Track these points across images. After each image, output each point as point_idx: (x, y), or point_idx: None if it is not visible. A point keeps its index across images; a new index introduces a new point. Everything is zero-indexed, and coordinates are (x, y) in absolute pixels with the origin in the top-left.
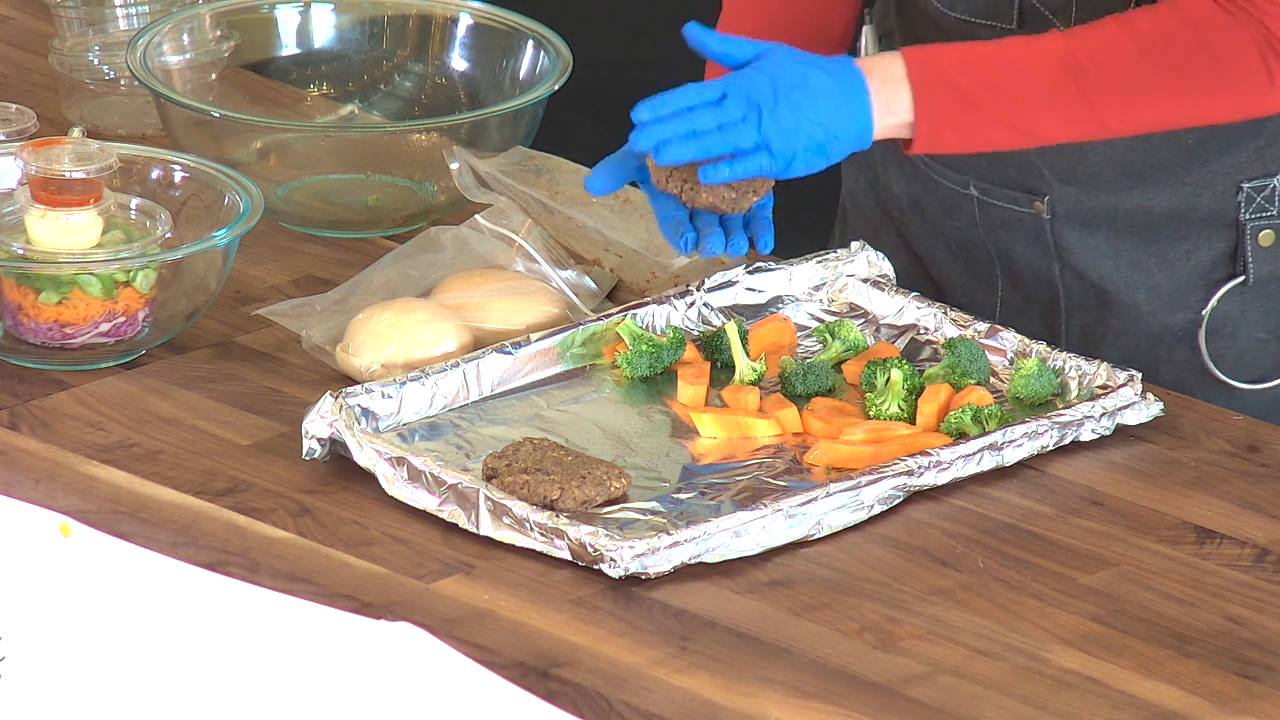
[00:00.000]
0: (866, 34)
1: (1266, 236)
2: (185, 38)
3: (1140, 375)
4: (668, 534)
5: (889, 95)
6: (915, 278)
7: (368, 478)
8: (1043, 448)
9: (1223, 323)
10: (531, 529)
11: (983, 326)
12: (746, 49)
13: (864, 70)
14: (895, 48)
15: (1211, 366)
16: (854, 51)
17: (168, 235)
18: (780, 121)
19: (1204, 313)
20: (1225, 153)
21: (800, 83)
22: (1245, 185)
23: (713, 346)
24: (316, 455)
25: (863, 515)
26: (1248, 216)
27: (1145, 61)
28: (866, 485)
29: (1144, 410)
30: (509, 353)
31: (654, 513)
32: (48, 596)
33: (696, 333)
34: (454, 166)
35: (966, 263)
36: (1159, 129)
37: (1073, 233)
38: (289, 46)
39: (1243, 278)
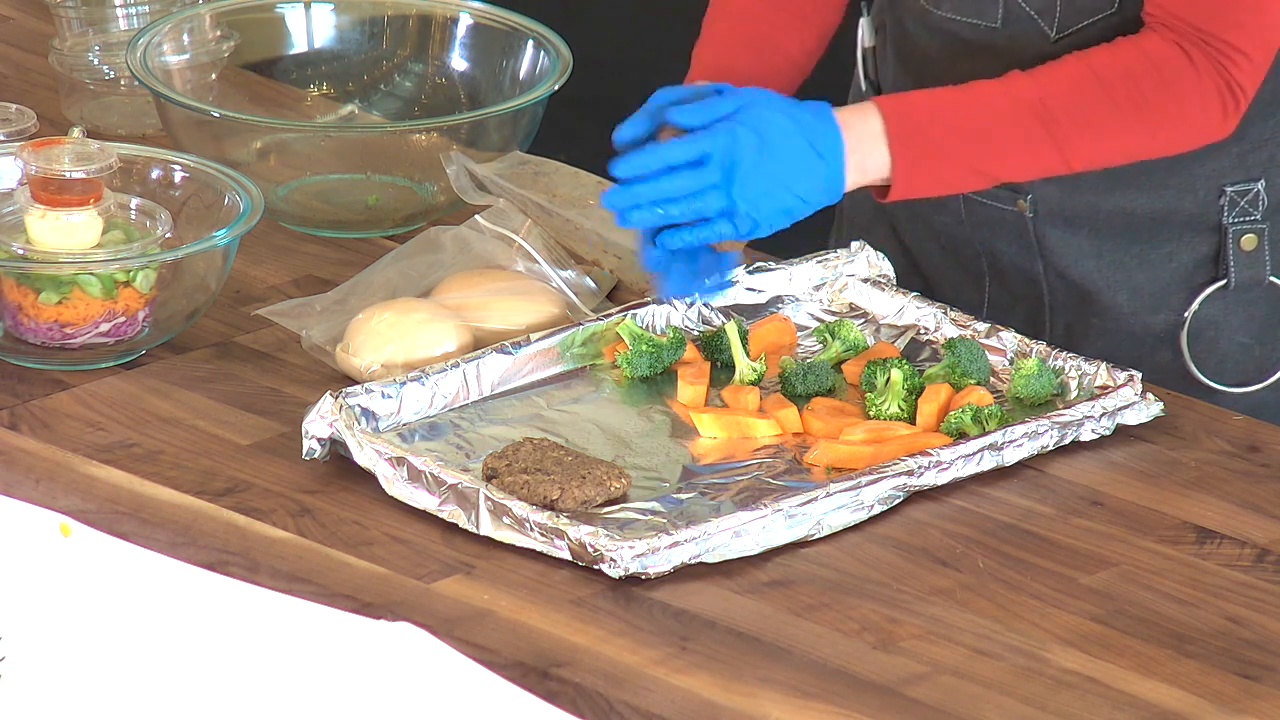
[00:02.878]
0: (863, 25)
1: (1249, 240)
2: (185, 38)
3: (1140, 375)
4: (668, 534)
5: (865, 153)
6: (906, 273)
7: (368, 478)
8: (1043, 448)
9: (1205, 326)
10: (531, 529)
11: (982, 326)
12: (728, 104)
13: (843, 128)
14: (888, 40)
15: (1194, 369)
16: (850, 42)
17: (168, 235)
18: (752, 188)
19: (1186, 315)
20: (1208, 157)
21: (779, 147)
22: (1228, 189)
23: (713, 346)
24: (316, 455)
25: (863, 515)
26: (1230, 220)
27: (1111, 105)
28: (866, 485)
29: (1144, 410)
30: (509, 353)
31: (654, 513)
32: (48, 596)
33: (696, 333)
34: (450, 170)
35: (955, 259)
36: (1118, 164)
37: (1055, 231)
38: (289, 46)
39: (1224, 281)
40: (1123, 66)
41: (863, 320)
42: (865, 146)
